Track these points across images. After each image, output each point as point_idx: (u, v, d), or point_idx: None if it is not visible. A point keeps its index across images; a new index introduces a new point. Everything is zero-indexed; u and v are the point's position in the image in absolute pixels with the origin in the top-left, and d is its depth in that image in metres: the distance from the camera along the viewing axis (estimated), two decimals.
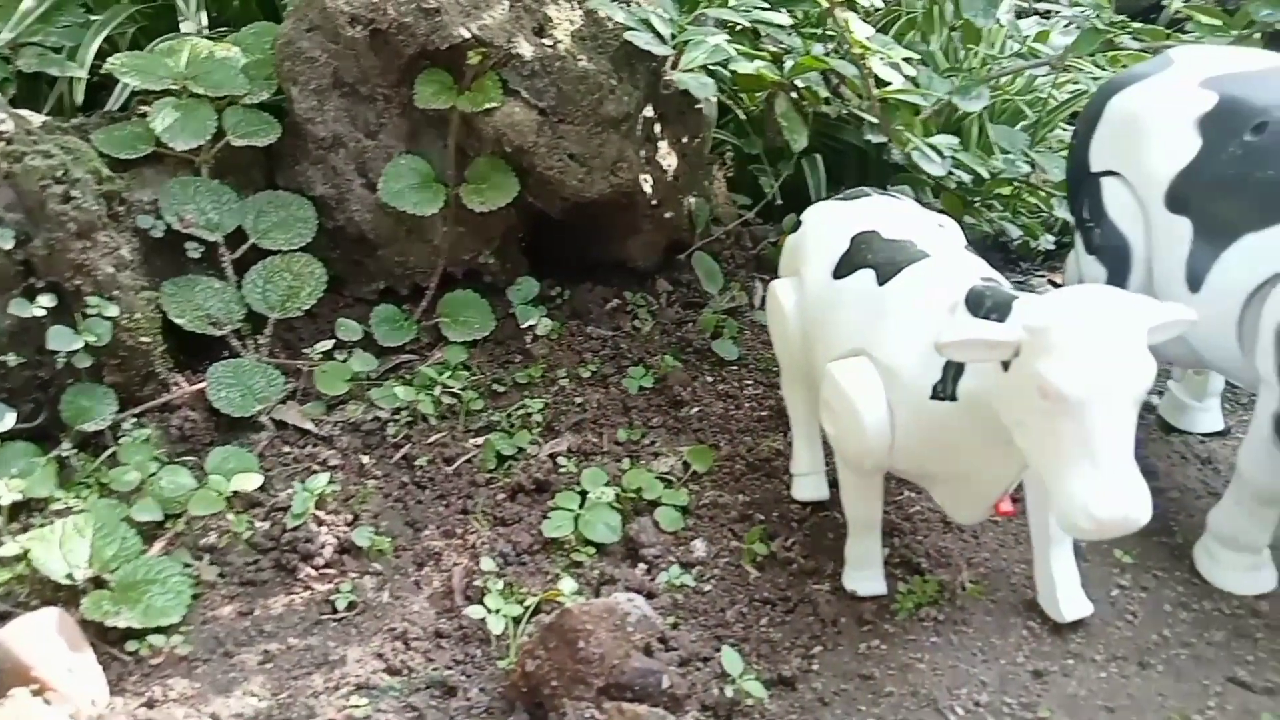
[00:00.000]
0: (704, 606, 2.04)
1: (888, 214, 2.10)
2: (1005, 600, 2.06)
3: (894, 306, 1.86)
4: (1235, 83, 2.14)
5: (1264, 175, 1.97)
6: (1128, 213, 2.25)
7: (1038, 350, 1.48)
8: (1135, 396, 1.48)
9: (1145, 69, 2.34)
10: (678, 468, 2.42)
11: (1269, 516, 2.07)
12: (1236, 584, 2.12)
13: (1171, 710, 1.80)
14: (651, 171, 3.00)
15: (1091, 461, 1.46)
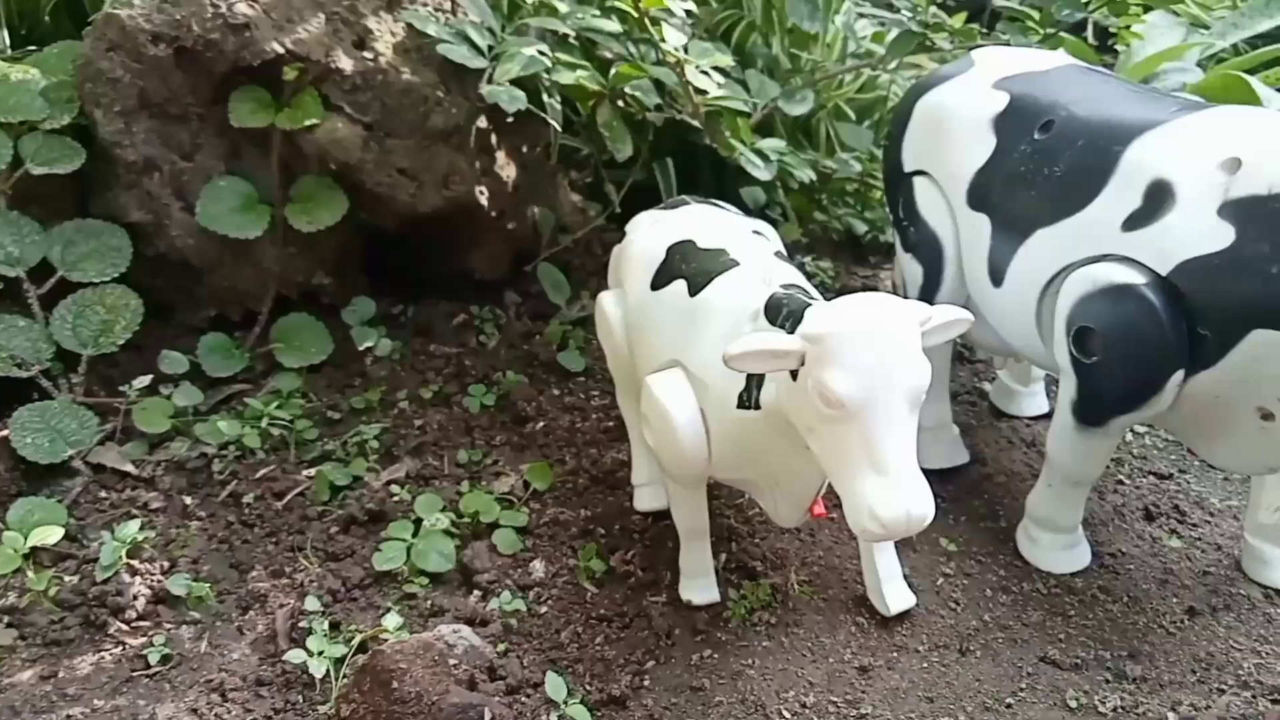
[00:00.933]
0: (539, 630, 2.02)
1: (704, 223, 2.11)
2: (836, 598, 2.10)
3: (704, 317, 1.86)
4: (1025, 83, 2.21)
5: (1051, 172, 2.04)
6: (938, 211, 2.31)
7: (817, 359, 1.50)
8: (912, 399, 1.51)
9: (949, 71, 2.41)
10: (518, 487, 2.40)
11: (1078, 497, 2.16)
12: (1054, 563, 2.21)
13: (987, 695, 1.86)
14: (489, 183, 2.96)
15: (874, 465, 1.49)
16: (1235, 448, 1.94)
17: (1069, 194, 1.99)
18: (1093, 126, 2.02)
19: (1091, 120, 2.03)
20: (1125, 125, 1.96)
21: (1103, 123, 2.00)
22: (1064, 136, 2.05)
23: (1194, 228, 1.79)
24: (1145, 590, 2.16)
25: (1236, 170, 1.77)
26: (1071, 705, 1.83)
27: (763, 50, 3.52)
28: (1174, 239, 1.81)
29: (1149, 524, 2.38)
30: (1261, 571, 2.18)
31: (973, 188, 2.20)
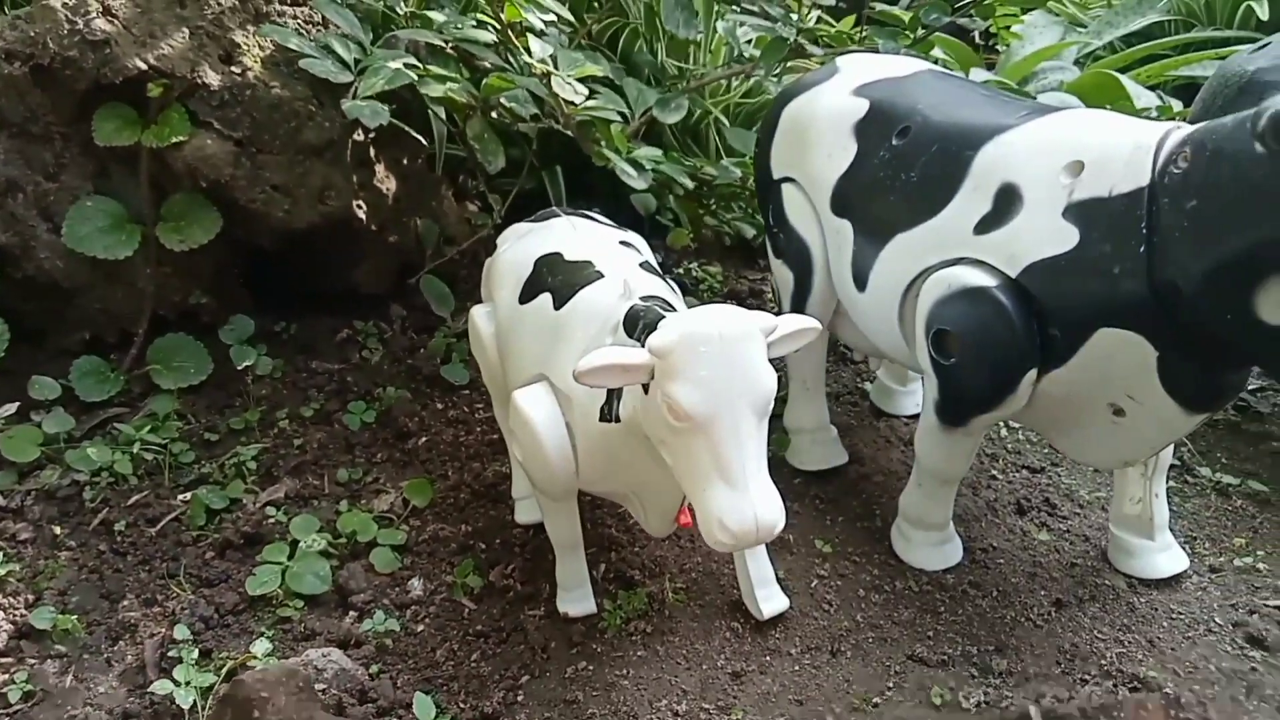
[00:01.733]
0: (414, 649, 2.00)
1: (572, 235, 2.11)
2: (713, 604, 2.11)
3: (567, 331, 1.86)
4: (885, 89, 2.26)
5: (908, 178, 2.08)
6: (805, 218, 2.34)
7: (664, 372, 1.52)
8: (759, 409, 1.53)
9: (814, 78, 2.44)
10: (398, 504, 2.37)
11: (947, 495, 2.21)
12: (926, 560, 2.26)
13: (855, 695, 1.89)
14: (367, 196, 2.92)
15: (722, 476, 1.50)
16: (1091, 442, 2.01)
17: (925, 199, 2.04)
18: (946, 132, 2.06)
19: (945, 125, 2.07)
20: (976, 130, 2.01)
21: (955, 128, 2.05)
22: (919, 142, 2.10)
23: (1040, 230, 1.84)
24: (1014, 584, 2.22)
25: (1079, 173, 1.82)
26: (936, 702, 1.87)
27: (646, 57, 3.54)
28: (1022, 242, 1.86)
29: (1021, 518, 2.45)
30: (1126, 562, 2.25)
31: (836, 194, 2.23)
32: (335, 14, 2.56)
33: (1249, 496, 2.54)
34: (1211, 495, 2.56)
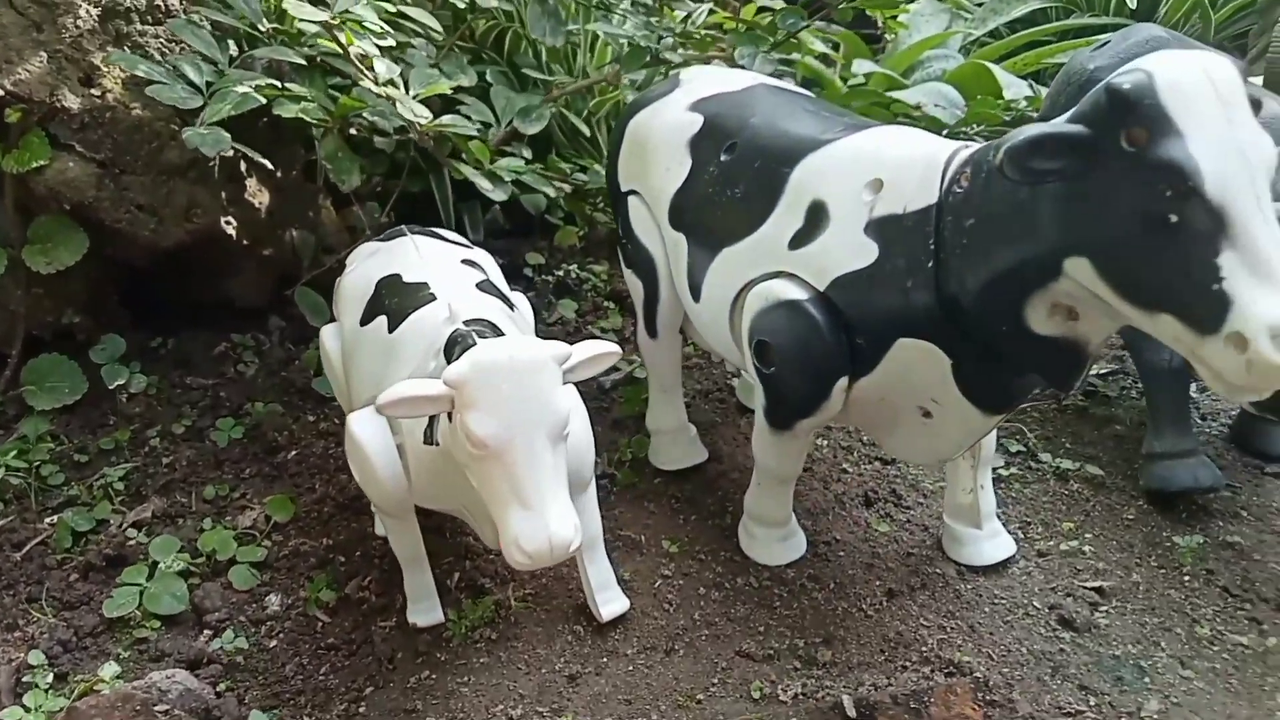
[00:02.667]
0: (265, 664, 2.07)
1: (414, 256, 2.17)
2: (559, 609, 2.20)
3: (398, 354, 1.93)
4: (718, 104, 2.33)
5: (734, 193, 2.17)
6: (649, 230, 2.42)
7: (461, 402, 1.59)
8: (553, 435, 1.61)
9: (656, 91, 2.51)
10: (261, 520, 2.42)
11: (784, 493, 2.31)
12: (770, 556, 2.36)
13: (681, 693, 1.99)
14: (238, 211, 2.95)
15: (518, 499, 1.59)
16: (907, 441, 2.11)
17: (747, 214, 2.12)
18: (767, 148, 2.14)
19: (767, 142, 2.16)
20: (793, 147, 2.10)
21: (776, 145, 2.13)
22: (744, 158, 2.18)
23: (845, 246, 1.94)
24: (851, 575, 2.33)
25: (880, 191, 1.92)
26: (755, 696, 1.98)
27: (529, 60, 3.59)
28: (829, 257, 1.96)
29: (867, 509, 2.56)
30: (957, 550, 2.38)
31: (673, 208, 2.31)
32: (191, 35, 2.58)
33: (1086, 480, 2.67)
34: (1051, 481, 2.69)
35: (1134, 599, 2.27)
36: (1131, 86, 1.47)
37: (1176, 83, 1.46)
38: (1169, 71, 1.47)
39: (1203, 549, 2.41)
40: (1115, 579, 2.33)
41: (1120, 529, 2.50)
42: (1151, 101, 1.46)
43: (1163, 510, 2.55)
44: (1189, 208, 1.44)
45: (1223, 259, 1.44)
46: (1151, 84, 1.46)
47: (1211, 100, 1.45)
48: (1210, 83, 1.46)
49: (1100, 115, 1.51)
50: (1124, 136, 1.48)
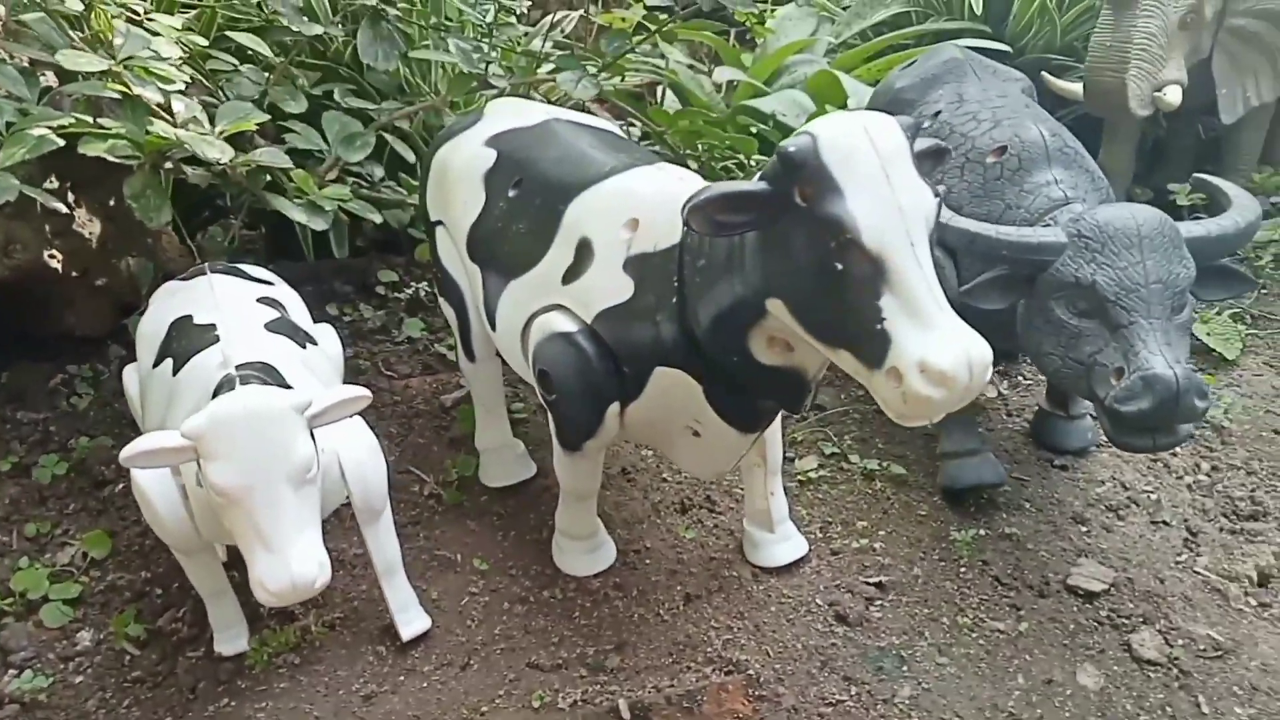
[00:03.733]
0: (68, 701, 2.14)
1: (209, 296, 2.23)
2: (366, 630, 2.30)
3: (178, 397, 2.00)
4: (510, 140, 2.43)
5: (519, 228, 2.27)
6: (454, 260, 2.51)
7: (201, 453, 1.68)
8: (294, 480, 1.71)
9: (460, 124, 2.60)
10: (79, 557, 2.48)
11: (586, 508, 2.43)
12: (578, 567, 2.48)
13: (467, 706, 2.10)
14: (65, 244, 2.97)
15: (262, 542, 1.69)
16: (686, 457, 2.24)
17: (530, 249, 2.22)
18: (548, 186, 2.25)
19: (548, 179, 2.26)
20: (569, 185, 2.20)
21: (555, 182, 2.24)
22: (528, 194, 2.28)
23: (606, 281, 2.05)
24: (655, 582, 2.46)
25: (636, 230, 2.03)
26: (535, 705, 2.10)
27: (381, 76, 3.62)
28: (594, 291, 2.07)
29: (681, 516, 2.69)
30: (753, 553, 2.52)
31: (470, 240, 2.41)
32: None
33: (890, 480, 2.84)
34: (858, 481, 2.85)
35: (911, 592, 2.43)
36: (797, 149, 1.60)
37: (838, 144, 1.60)
38: (832, 134, 1.61)
39: (981, 541, 2.58)
40: (898, 573, 2.49)
41: (913, 525, 2.66)
42: (815, 162, 1.59)
43: (953, 505, 2.72)
44: (851, 257, 1.58)
45: (883, 302, 1.58)
46: (815, 146, 1.60)
47: (871, 159, 1.59)
48: (870, 143, 1.60)
49: (777, 174, 1.64)
50: (797, 193, 1.62)
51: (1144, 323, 2.07)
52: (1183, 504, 2.78)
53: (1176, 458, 2.98)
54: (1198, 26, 3.93)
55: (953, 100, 2.83)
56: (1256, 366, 3.42)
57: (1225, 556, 2.59)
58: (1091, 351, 2.14)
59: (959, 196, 2.56)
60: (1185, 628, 2.33)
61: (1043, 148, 2.48)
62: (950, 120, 2.74)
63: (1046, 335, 2.23)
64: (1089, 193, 2.45)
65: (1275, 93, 4.13)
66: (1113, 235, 2.13)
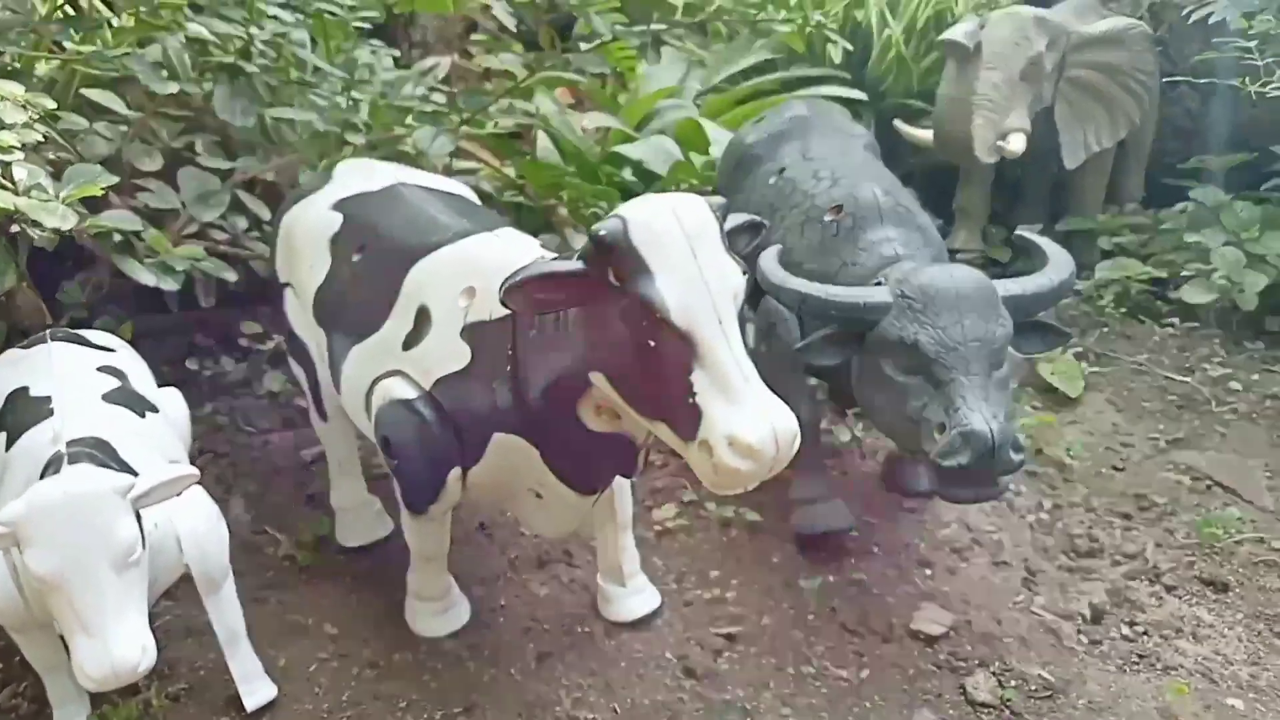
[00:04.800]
0: None
1: (45, 366, 2.18)
2: (210, 701, 2.26)
3: (10, 473, 1.96)
4: (356, 204, 2.44)
5: (362, 293, 2.28)
6: (303, 322, 2.50)
7: (20, 540, 1.65)
8: (116, 562, 1.69)
9: (309, 186, 2.60)
10: None
11: (437, 569, 2.44)
12: (431, 628, 2.48)
13: None
14: None
15: (82, 627, 1.66)
16: (534, 517, 2.27)
17: (372, 315, 2.23)
18: (391, 251, 2.26)
19: (391, 244, 2.27)
20: (410, 250, 2.22)
21: (398, 247, 2.25)
22: (371, 260, 2.29)
23: (444, 348, 2.08)
24: (508, 641, 2.47)
25: (472, 298, 2.06)
26: None
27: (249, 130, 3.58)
28: (432, 358, 2.09)
29: (539, 570, 2.72)
30: (606, 607, 2.55)
31: (315, 304, 2.40)
32: None
33: (746, 526, 2.91)
34: (714, 529, 2.91)
35: (759, 642, 2.49)
36: (607, 233, 1.66)
37: (647, 227, 1.66)
38: (641, 217, 1.67)
39: (830, 588, 2.66)
40: (748, 623, 2.55)
41: (766, 572, 2.73)
42: (626, 244, 1.65)
43: (805, 551, 2.80)
44: (662, 335, 1.64)
45: (694, 378, 1.65)
46: (625, 229, 1.66)
47: (679, 240, 1.66)
48: (679, 224, 1.66)
49: (590, 255, 1.69)
50: (610, 273, 1.67)
51: (963, 379, 2.18)
52: (1024, 543, 2.91)
53: (1021, 497, 3.12)
54: (1038, 77, 4.16)
55: (797, 157, 2.94)
56: (1099, 404, 3.61)
57: (1061, 595, 2.72)
58: (917, 407, 2.24)
59: (800, 253, 2.66)
60: (1019, 669, 2.44)
61: (876, 207, 2.59)
62: (794, 177, 2.85)
63: (877, 391, 2.33)
64: (920, 249, 2.57)
65: (1114, 138, 4.38)
66: (934, 296, 2.23)
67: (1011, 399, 2.30)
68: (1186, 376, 3.71)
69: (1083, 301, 4.17)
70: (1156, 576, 2.80)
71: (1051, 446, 3.31)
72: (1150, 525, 3.02)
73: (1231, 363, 3.80)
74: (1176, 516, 3.05)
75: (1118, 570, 2.82)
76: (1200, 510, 3.07)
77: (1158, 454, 3.34)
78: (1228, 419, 3.49)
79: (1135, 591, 2.74)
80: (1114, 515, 3.07)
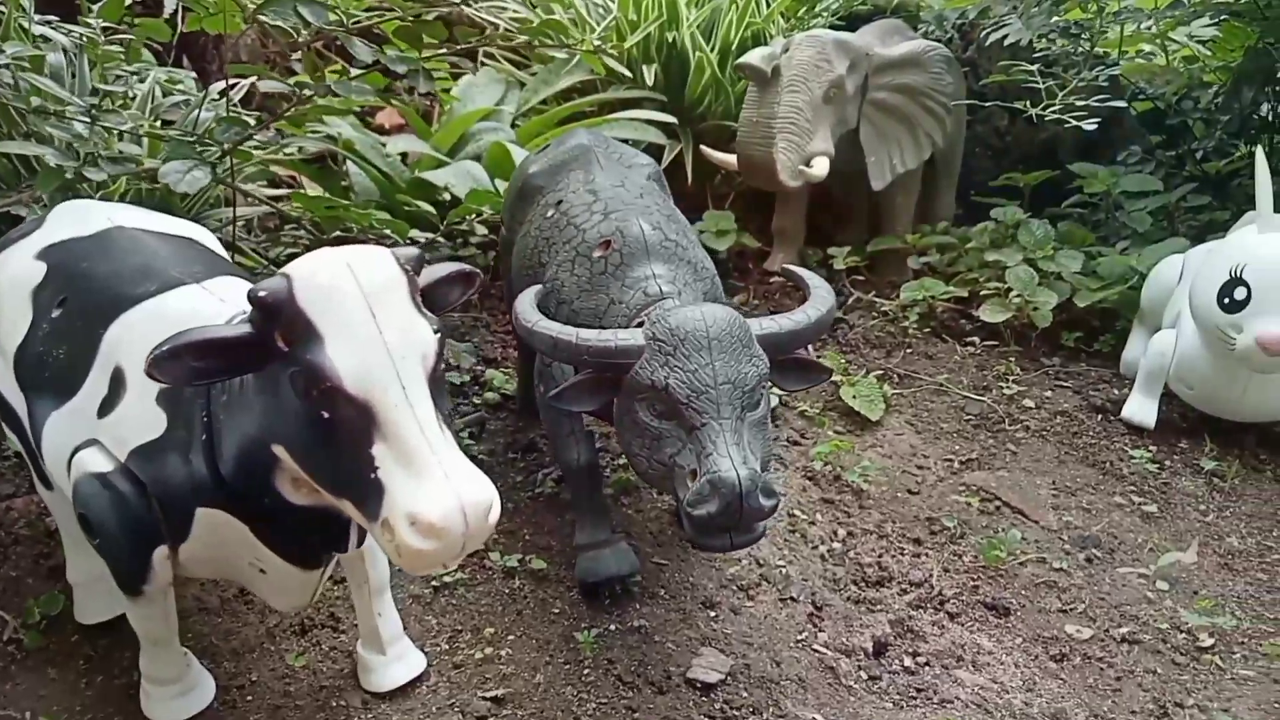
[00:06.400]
0: None
1: None
2: None
3: None
4: (63, 251, 2.21)
5: (59, 352, 2.06)
6: (7, 383, 2.25)
7: None
8: None
9: (16, 233, 2.36)
10: None
11: (169, 653, 2.22)
12: (168, 714, 2.26)
13: None
14: None
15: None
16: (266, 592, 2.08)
17: (70, 377, 2.01)
18: (91, 305, 2.05)
19: (92, 298, 2.06)
20: (112, 305, 2.01)
21: (99, 301, 2.04)
22: (71, 314, 2.08)
23: (140, 416, 1.88)
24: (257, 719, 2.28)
25: None
26: None
27: None
28: (126, 426, 1.90)
29: (300, 639, 2.53)
30: (365, 678, 2.38)
31: (16, 364, 2.17)
32: None
33: (530, 575, 2.78)
34: (498, 580, 2.78)
35: (529, 703, 2.36)
36: (268, 293, 1.51)
37: (315, 285, 1.51)
38: (309, 274, 1.53)
39: (609, 638, 2.55)
40: (520, 683, 2.42)
41: (545, 625, 2.61)
42: (291, 306, 1.50)
43: (588, 600, 2.69)
44: (336, 405, 1.50)
45: (376, 450, 1.51)
46: (290, 288, 1.51)
47: (354, 299, 1.52)
48: (354, 281, 1.52)
49: (255, 318, 1.54)
50: (278, 338, 1.52)
51: (714, 424, 2.10)
52: (814, 576, 2.87)
53: (815, 526, 3.09)
54: (841, 100, 4.19)
55: (575, 189, 2.84)
56: (899, 426, 3.62)
57: (845, 629, 2.68)
58: (671, 453, 2.15)
59: (570, 290, 2.56)
60: (794, 712, 2.38)
61: (642, 242, 2.51)
62: (569, 210, 2.74)
63: (634, 436, 2.23)
64: (689, 285, 2.49)
65: (918, 159, 4.45)
66: (684, 338, 2.15)
67: (769, 440, 2.24)
68: (983, 395, 3.76)
69: (889, 322, 4.21)
70: (941, 604, 2.80)
71: (849, 472, 3.29)
72: (939, 550, 3.03)
73: (1026, 380, 3.88)
74: (965, 539, 3.07)
75: (904, 599, 2.81)
76: (989, 532, 3.09)
77: (951, 475, 3.36)
78: (1019, 437, 3.55)
79: (919, 621, 2.72)
80: (906, 541, 3.07)
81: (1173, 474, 3.37)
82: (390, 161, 4.50)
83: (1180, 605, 2.80)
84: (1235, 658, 2.62)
